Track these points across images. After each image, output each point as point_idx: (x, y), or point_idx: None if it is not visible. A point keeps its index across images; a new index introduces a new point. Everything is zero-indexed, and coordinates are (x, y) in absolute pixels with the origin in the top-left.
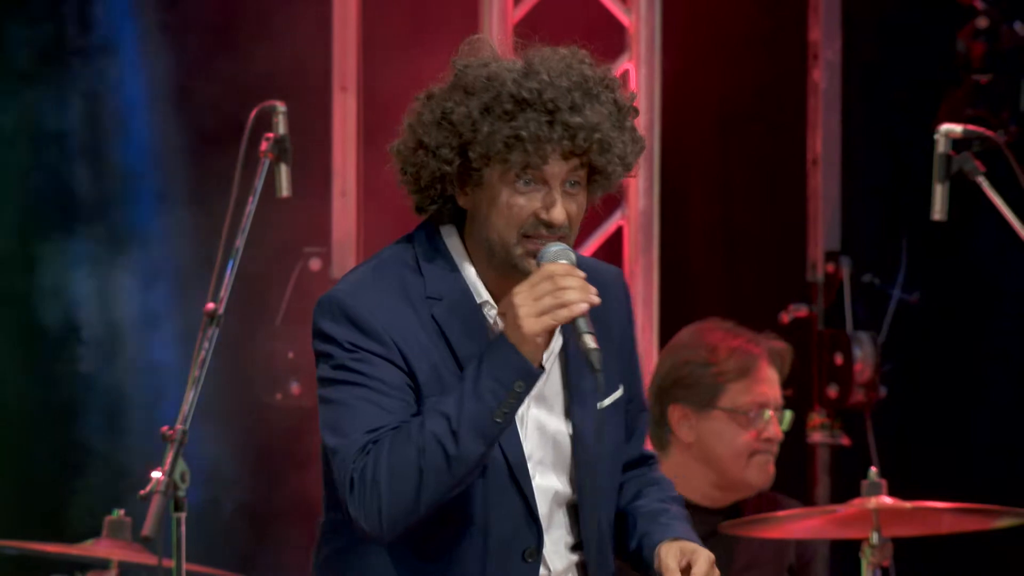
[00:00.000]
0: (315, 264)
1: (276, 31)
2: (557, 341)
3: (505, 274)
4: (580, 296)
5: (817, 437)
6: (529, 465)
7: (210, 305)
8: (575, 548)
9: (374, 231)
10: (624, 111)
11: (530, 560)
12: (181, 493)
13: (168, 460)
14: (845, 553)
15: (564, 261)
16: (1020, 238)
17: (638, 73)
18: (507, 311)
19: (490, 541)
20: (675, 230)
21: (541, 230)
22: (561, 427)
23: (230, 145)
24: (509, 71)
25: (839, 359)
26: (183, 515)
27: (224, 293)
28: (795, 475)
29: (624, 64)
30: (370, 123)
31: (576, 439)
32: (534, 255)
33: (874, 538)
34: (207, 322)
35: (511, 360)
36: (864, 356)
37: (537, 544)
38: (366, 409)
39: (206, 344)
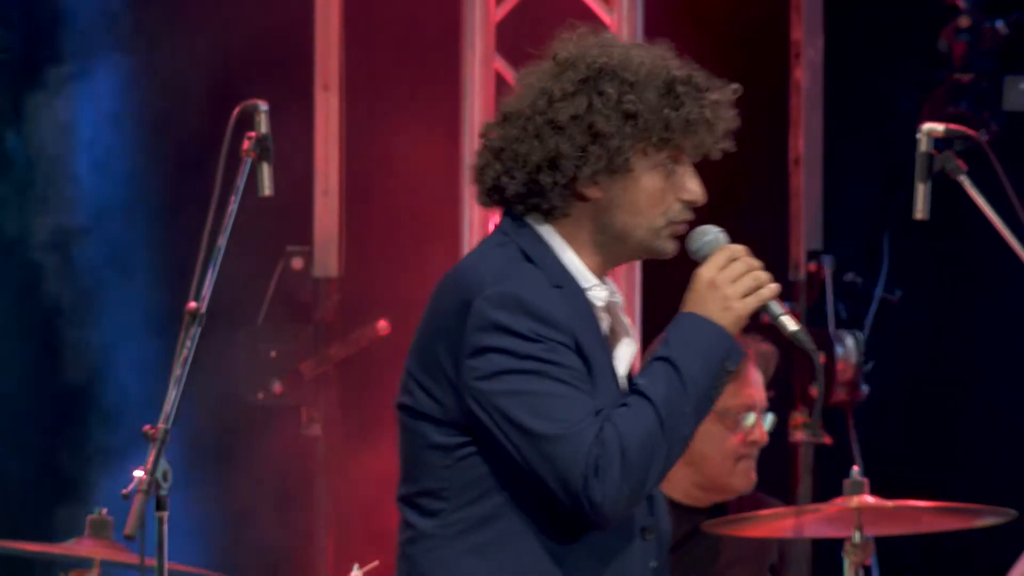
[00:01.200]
0: (297, 263)
1: (259, 29)
2: (605, 321)
3: (614, 259)
4: (770, 276)
5: (799, 436)
6: None
7: (192, 304)
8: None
9: (356, 230)
10: None
11: (648, 537)
12: (163, 492)
13: (150, 459)
14: (827, 552)
15: (732, 242)
16: (1002, 237)
17: None
18: (706, 294)
19: (626, 520)
20: None
21: (686, 213)
22: None
23: (212, 144)
24: (663, 58)
25: (822, 358)
26: (165, 514)
27: (206, 292)
28: (777, 474)
29: None
30: (352, 122)
31: None
32: (676, 237)
33: (856, 537)
34: (189, 321)
35: (726, 342)
36: (846, 355)
37: (652, 523)
38: (575, 396)
39: (188, 343)
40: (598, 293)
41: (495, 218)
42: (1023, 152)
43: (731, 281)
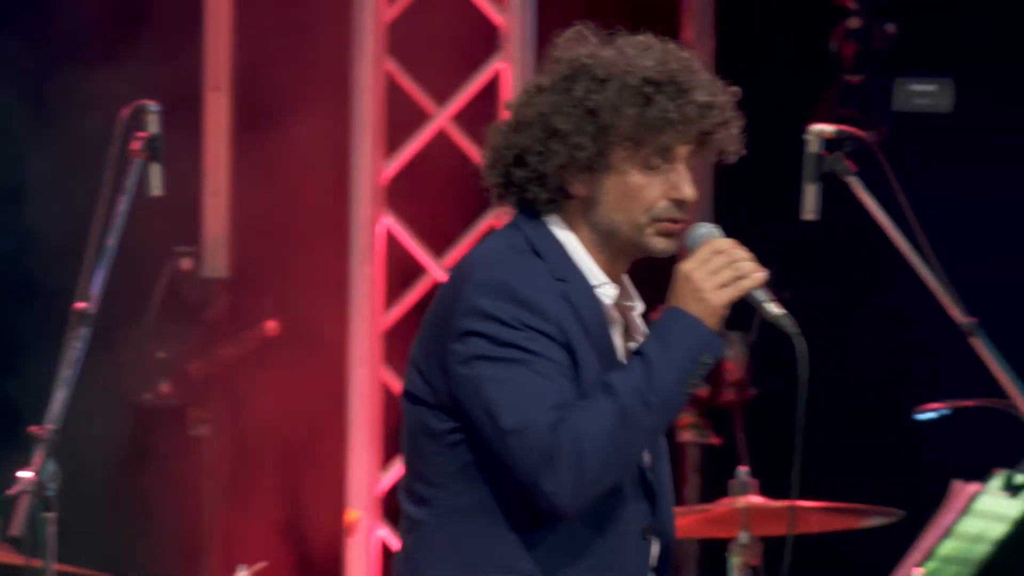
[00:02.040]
0: (187, 264)
1: (148, 30)
2: (617, 320)
3: (619, 258)
4: (754, 268)
5: (687, 436)
6: None
7: (81, 304)
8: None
9: (246, 231)
10: (723, 89)
11: (648, 538)
12: (50, 493)
13: (37, 459)
14: (714, 552)
15: (723, 237)
16: (890, 238)
17: (511, 72)
18: (682, 287)
19: (611, 518)
20: None
21: (673, 211)
22: None
23: (102, 144)
24: (636, 57)
25: None
26: (52, 515)
27: (95, 292)
28: None
29: (497, 64)
30: (242, 122)
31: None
32: (666, 235)
33: (743, 537)
34: (77, 321)
35: (698, 333)
36: (734, 355)
37: (651, 523)
38: (546, 386)
39: (76, 343)
40: (607, 291)
41: (385, 219)
42: (912, 153)
43: (710, 273)
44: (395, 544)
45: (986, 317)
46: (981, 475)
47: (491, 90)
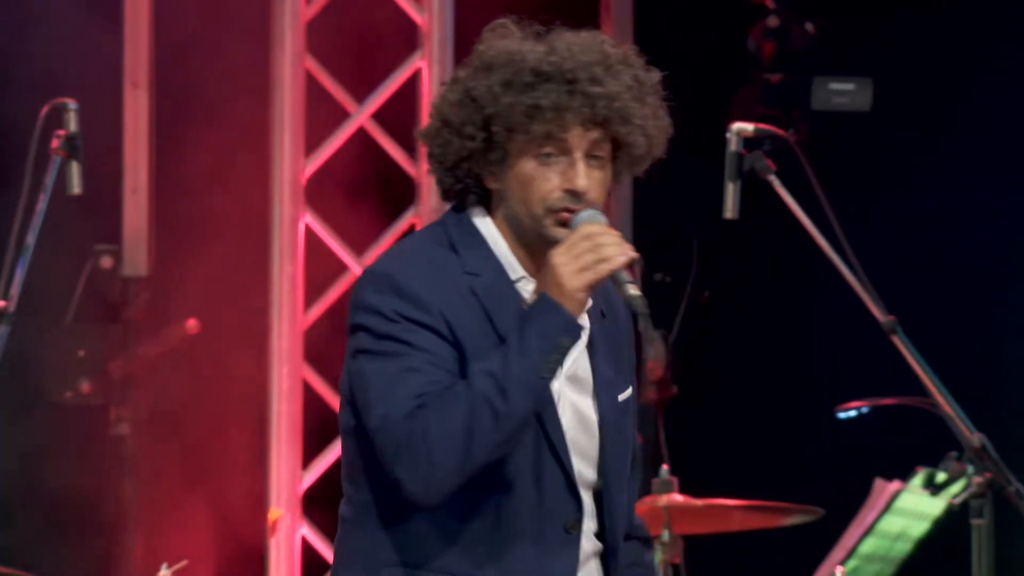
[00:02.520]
0: (106, 262)
1: (66, 27)
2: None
3: (536, 250)
4: (618, 250)
5: None
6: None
7: (0, 303)
8: (598, 536)
9: (166, 228)
10: (646, 87)
11: (572, 532)
12: None
13: None
14: None
15: (599, 222)
16: (810, 236)
17: (430, 72)
18: (547, 272)
19: (533, 510)
20: None
21: (567, 202)
22: (590, 411)
23: (20, 143)
24: (531, 49)
25: None
26: None
27: (14, 291)
28: None
29: (416, 63)
30: (162, 120)
31: (602, 425)
32: (563, 224)
33: (665, 535)
34: None
35: (555, 316)
36: (655, 354)
37: (578, 517)
38: (413, 379)
39: None
40: (525, 286)
41: (305, 217)
42: (831, 152)
43: (572, 258)
44: (316, 542)
45: (905, 315)
46: (902, 473)
47: (411, 89)
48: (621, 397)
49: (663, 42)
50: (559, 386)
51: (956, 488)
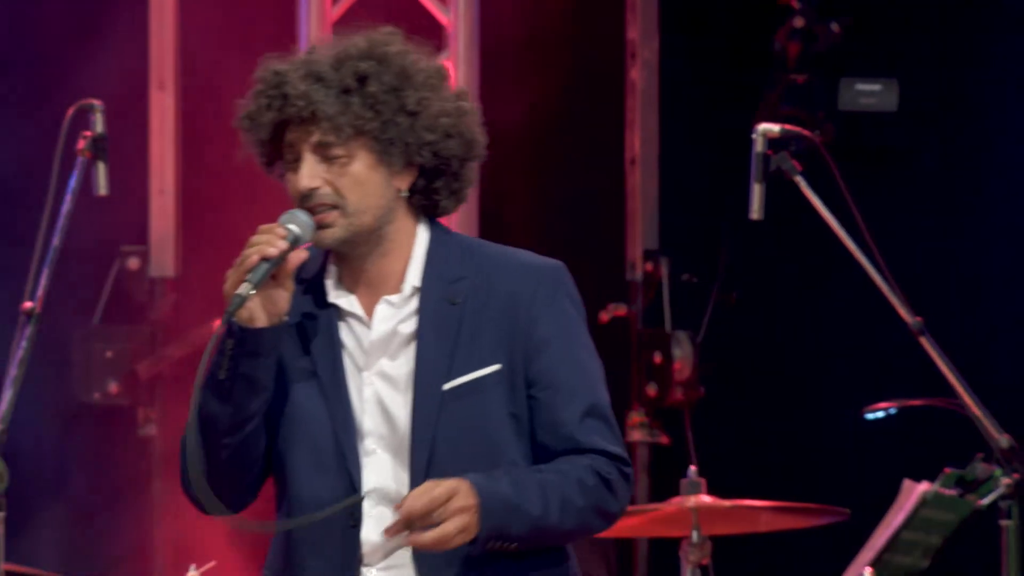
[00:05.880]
0: (133, 263)
1: (93, 29)
2: (407, 324)
3: (342, 259)
4: (254, 250)
5: (636, 436)
6: (370, 440)
7: (28, 304)
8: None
9: (193, 229)
10: (376, 80)
11: (353, 526)
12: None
13: None
14: (664, 552)
15: (287, 225)
16: (837, 237)
17: (456, 72)
18: None
19: (317, 504)
20: (493, 229)
21: (306, 203)
22: (402, 406)
23: (47, 144)
24: (277, 58)
25: (658, 358)
26: (0, 515)
27: (42, 292)
28: None
29: (442, 62)
30: (188, 121)
31: (415, 419)
32: (318, 227)
33: (694, 537)
34: (24, 321)
35: (225, 321)
36: (683, 355)
37: (360, 516)
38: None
39: (24, 343)
40: (335, 295)
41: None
42: (858, 152)
43: (235, 264)
44: None
45: (932, 315)
46: (931, 474)
47: None
48: (457, 383)
49: (689, 43)
50: (364, 383)
51: (984, 489)
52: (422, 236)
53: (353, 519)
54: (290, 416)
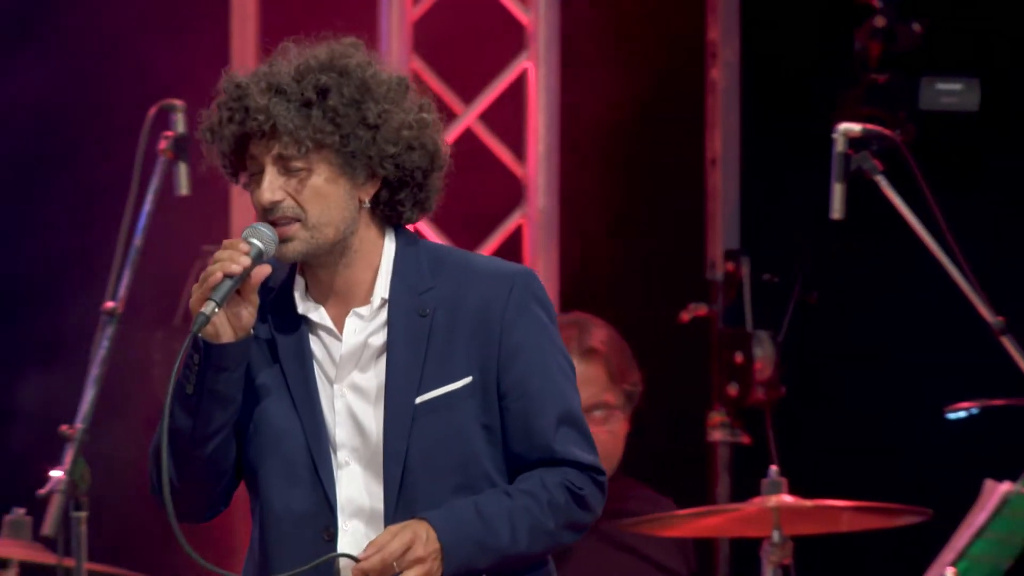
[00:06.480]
0: None
1: (176, 29)
2: (377, 337)
3: (308, 269)
4: (217, 267)
5: (717, 436)
6: (343, 452)
7: (109, 303)
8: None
9: None
10: (336, 92)
11: (328, 539)
12: (81, 492)
13: (68, 458)
14: (746, 552)
15: (250, 239)
16: (918, 236)
17: (537, 72)
18: None
19: (291, 517)
20: (575, 228)
21: (268, 216)
22: (373, 419)
23: (129, 144)
24: (240, 75)
25: (739, 358)
26: (84, 514)
27: (123, 292)
28: (695, 474)
29: (523, 63)
30: None
31: (387, 432)
32: (280, 240)
33: (775, 536)
34: (106, 320)
35: (190, 339)
36: (764, 355)
37: (333, 524)
38: None
39: (105, 342)
40: (302, 305)
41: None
42: (939, 152)
43: (199, 281)
44: None
45: (1014, 315)
46: (1013, 474)
47: (517, 89)
48: (429, 396)
49: (770, 44)
50: (335, 395)
51: None
52: (388, 246)
53: (328, 534)
54: (262, 429)
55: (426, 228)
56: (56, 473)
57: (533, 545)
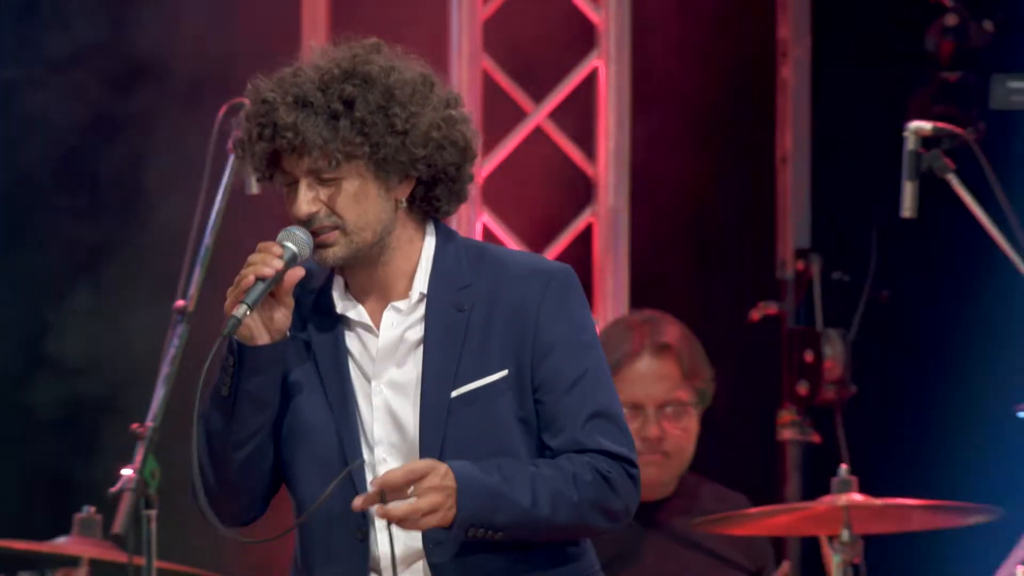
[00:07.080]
0: None
1: (245, 30)
2: (414, 331)
3: (348, 272)
4: (250, 270)
5: (787, 434)
6: (380, 448)
7: (180, 302)
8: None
9: None
10: (362, 103)
11: (362, 539)
12: (152, 490)
13: (138, 457)
14: (816, 550)
15: (283, 243)
16: (990, 235)
17: (607, 71)
18: None
19: (325, 517)
20: (645, 227)
21: (307, 227)
22: (410, 414)
23: (200, 144)
24: (273, 78)
25: (809, 356)
26: (154, 512)
27: (194, 290)
28: (765, 472)
29: (593, 62)
30: None
31: (422, 425)
32: (317, 247)
33: (844, 535)
34: (177, 319)
35: (221, 341)
36: (834, 353)
37: (366, 525)
38: None
39: (175, 341)
40: (341, 305)
41: (483, 217)
42: (1010, 150)
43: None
44: None
45: None
46: None
47: (587, 88)
48: (464, 390)
49: (841, 42)
50: (374, 392)
51: None
52: (428, 241)
53: (361, 532)
54: (296, 430)
55: (495, 226)
56: (127, 471)
57: (556, 513)
